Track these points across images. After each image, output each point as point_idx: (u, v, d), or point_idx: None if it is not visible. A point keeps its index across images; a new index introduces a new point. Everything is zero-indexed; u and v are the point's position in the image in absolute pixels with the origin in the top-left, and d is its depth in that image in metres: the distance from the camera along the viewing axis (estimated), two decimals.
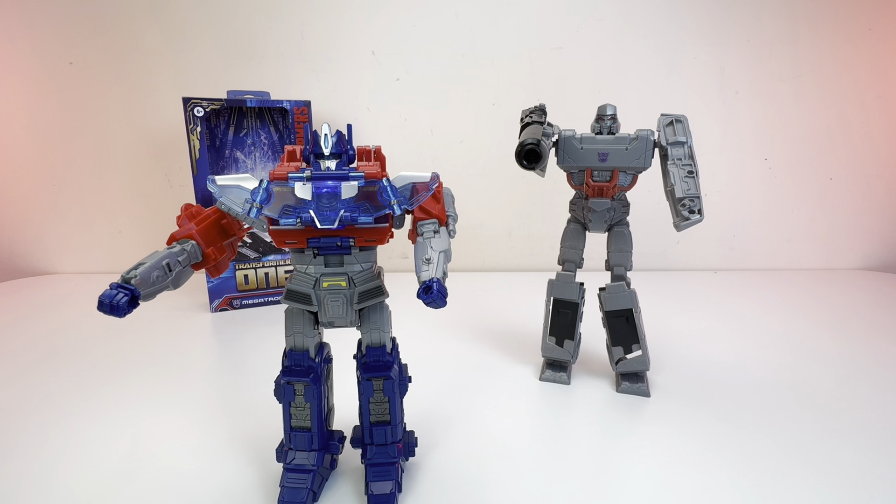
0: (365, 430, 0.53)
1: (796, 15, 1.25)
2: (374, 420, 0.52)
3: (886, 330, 0.97)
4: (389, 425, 0.52)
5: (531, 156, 0.60)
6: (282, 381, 0.51)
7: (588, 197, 0.72)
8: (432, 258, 0.43)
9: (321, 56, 1.28)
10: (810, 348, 0.88)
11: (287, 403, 0.51)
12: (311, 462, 0.51)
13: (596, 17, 1.26)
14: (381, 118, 1.32)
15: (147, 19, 1.24)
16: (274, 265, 1.13)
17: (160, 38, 1.25)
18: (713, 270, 1.41)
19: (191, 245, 0.45)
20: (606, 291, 0.73)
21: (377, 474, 0.51)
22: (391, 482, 0.51)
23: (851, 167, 1.35)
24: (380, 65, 1.29)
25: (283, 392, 0.51)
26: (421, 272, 0.42)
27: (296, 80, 1.29)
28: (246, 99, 1.04)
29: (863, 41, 1.27)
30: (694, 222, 0.61)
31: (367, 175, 0.46)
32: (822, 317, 1.04)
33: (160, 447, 0.61)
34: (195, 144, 1.02)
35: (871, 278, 1.33)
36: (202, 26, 1.25)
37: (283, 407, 0.51)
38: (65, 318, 1.05)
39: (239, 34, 1.26)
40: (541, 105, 0.72)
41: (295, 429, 0.51)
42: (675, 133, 0.67)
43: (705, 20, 1.26)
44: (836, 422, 0.66)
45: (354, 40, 1.27)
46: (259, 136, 1.13)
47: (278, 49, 1.27)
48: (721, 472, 0.57)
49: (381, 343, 0.51)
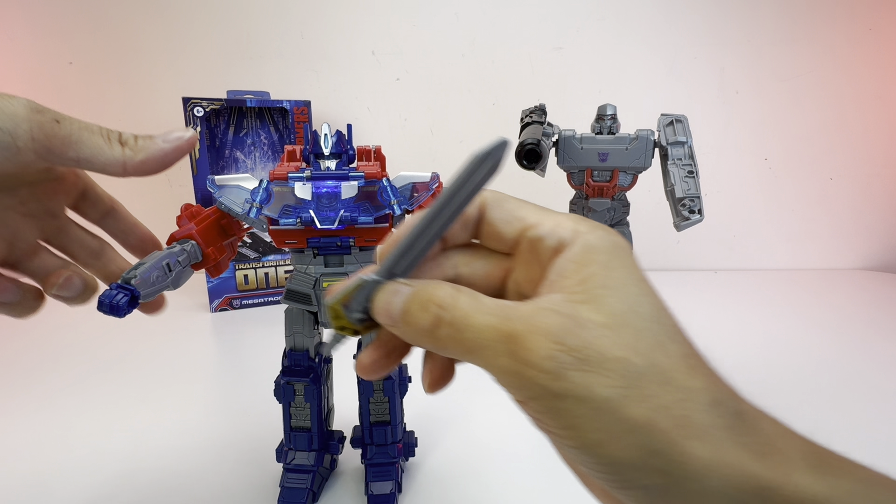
0: (365, 430, 0.53)
1: (796, 15, 1.25)
2: (375, 420, 0.52)
3: (886, 330, 0.97)
4: (389, 425, 0.52)
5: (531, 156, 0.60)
6: (281, 382, 0.51)
7: (588, 197, 0.72)
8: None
9: (321, 56, 1.28)
10: (810, 348, 0.88)
11: (287, 404, 0.51)
12: (311, 462, 0.51)
13: (596, 17, 1.26)
14: (381, 118, 1.32)
15: (147, 19, 1.24)
16: (274, 265, 1.13)
17: (160, 38, 1.25)
18: (713, 270, 1.41)
19: (191, 245, 0.45)
20: None
21: (377, 474, 0.51)
22: (391, 482, 0.51)
23: (851, 167, 1.35)
24: (380, 65, 1.29)
25: (283, 392, 0.51)
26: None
27: (296, 80, 1.29)
28: (246, 99, 1.04)
29: (863, 41, 1.27)
30: (694, 222, 0.61)
31: (367, 175, 0.46)
32: (822, 317, 1.04)
33: (160, 446, 0.61)
34: None
35: (871, 278, 1.33)
36: (202, 26, 1.25)
37: (283, 407, 0.51)
38: (64, 319, 1.05)
39: (239, 34, 1.25)
40: (541, 105, 0.72)
41: (295, 429, 0.51)
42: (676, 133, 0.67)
43: (705, 20, 1.25)
44: (837, 421, 0.66)
45: (354, 40, 1.27)
46: (259, 136, 1.13)
47: (278, 49, 1.27)
48: None
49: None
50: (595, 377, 0.18)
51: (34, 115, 0.29)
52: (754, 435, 0.19)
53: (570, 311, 0.19)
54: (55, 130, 0.30)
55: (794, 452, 0.19)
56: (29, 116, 0.29)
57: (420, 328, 0.21)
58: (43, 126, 0.29)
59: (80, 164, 0.31)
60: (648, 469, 0.18)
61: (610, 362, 0.18)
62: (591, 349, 0.18)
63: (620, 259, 0.21)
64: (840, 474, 0.19)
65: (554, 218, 0.23)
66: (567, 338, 0.19)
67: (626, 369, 0.18)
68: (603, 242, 0.21)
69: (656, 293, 0.21)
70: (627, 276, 0.21)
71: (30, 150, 0.29)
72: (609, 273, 0.20)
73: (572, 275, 0.21)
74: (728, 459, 0.18)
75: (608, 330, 0.19)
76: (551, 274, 0.21)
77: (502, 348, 0.19)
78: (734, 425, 0.19)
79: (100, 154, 0.31)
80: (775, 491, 0.18)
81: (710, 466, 0.18)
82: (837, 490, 0.18)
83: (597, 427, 0.18)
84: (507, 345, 0.19)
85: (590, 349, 0.18)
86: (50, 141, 0.30)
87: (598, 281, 0.20)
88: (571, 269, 0.21)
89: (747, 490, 0.18)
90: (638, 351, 0.19)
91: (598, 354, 0.18)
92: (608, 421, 0.18)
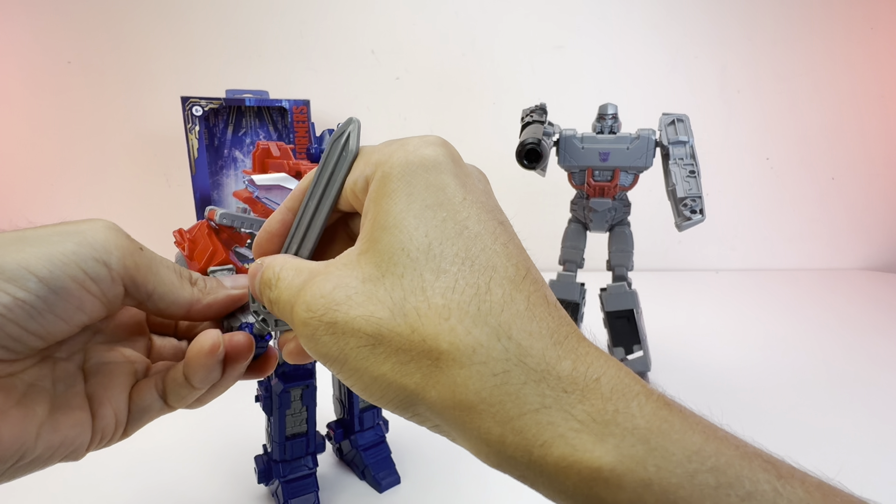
0: (355, 418, 0.54)
1: (798, 14, 1.25)
2: (364, 406, 0.55)
3: (887, 330, 0.96)
4: (376, 407, 0.55)
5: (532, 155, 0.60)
6: (278, 391, 0.49)
7: (589, 196, 0.72)
8: None
9: (320, 55, 1.27)
10: (811, 348, 0.88)
11: (282, 413, 0.49)
12: (310, 466, 0.51)
13: (597, 15, 1.25)
14: (380, 117, 1.32)
15: (146, 18, 1.24)
16: None
17: (159, 38, 1.25)
18: (715, 270, 1.41)
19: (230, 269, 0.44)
20: (607, 292, 0.72)
21: (375, 455, 0.55)
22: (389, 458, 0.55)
23: (853, 167, 1.35)
24: (379, 64, 1.28)
25: (280, 402, 0.49)
26: None
27: (295, 79, 1.28)
28: (245, 98, 1.04)
29: (864, 41, 1.26)
30: (696, 222, 0.61)
31: None
32: (823, 317, 1.04)
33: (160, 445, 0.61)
34: (194, 143, 1.01)
35: (873, 278, 1.32)
36: (201, 25, 1.24)
37: (275, 419, 0.49)
38: None
39: (238, 33, 1.25)
40: (541, 104, 0.72)
41: (290, 437, 0.50)
42: (677, 132, 0.67)
43: (706, 19, 1.25)
44: (838, 421, 0.65)
45: (354, 39, 1.27)
46: (258, 135, 1.12)
47: (277, 48, 1.26)
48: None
49: None
50: (344, 339, 0.19)
51: (123, 241, 0.25)
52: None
53: (339, 272, 0.21)
54: (141, 259, 0.26)
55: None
56: (118, 243, 0.25)
57: (268, 305, 0.24)
58: (133, 254, 0.26)
59: (150, 300, 0.27)
60: (409, 414, 0.20)
61: (356, 321, 0.19)
62: (339, 313, 0.19)
63: (412, 183, 0.21)
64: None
65: (379, 151, 0.23)
66: (318, 303, 0.20)
67: (374, 326, 0.19)
68: (398, 169, 0.21)
69: (447, 208, 0.20)
70: (409, 204, 0.20)
71: (120, 282, 0.25)
72: (390, 207, 0.20)
73: (365, 218, 0.22)
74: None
75: (367, 285, 0.20)
76: (362, 218, 0.22)
77: (287, 316, 0.22)
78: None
79: (172, 291, 0.27)
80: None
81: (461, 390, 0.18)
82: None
83: (356, 381, 0.20)
84: (289, 313, 0.22)
85: (338, 313, 0.19)
86: (138, 271, 0.26)
87: (380, 221, 0.20)
88: (366, 210, 0.22)
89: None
90: (391, 302, 0.19)
91: (345, 317, 0.19)
92: (364, 377, 0.19)
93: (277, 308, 0.23)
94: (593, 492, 0.16)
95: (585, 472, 0.16)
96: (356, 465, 0.56)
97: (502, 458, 0.18)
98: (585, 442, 0.16)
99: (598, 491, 0.16)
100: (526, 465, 0.17)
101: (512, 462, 0.18)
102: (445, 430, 0.20)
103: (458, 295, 0.19)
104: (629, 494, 0.16)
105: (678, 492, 0.15)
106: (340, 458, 0.59)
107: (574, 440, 0.16)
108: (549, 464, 0.17)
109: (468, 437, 0.18)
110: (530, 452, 0.17)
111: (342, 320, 0.19)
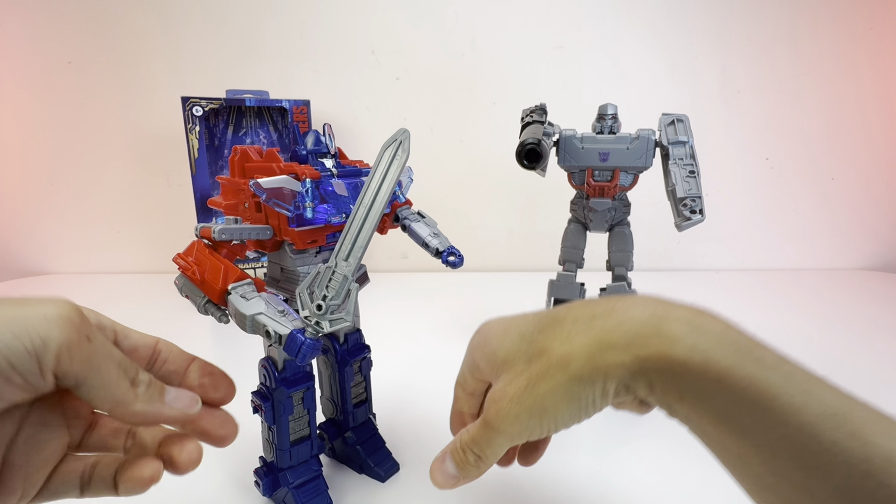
0: (348, 414, 0.55)
1: (798, 14, 1.25)
2: (356, 402, 0.56)
3: (888, 330, 0.96)
4: (366, 402, 0.57)
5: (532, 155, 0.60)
6: (282, 397, 0.48)
7: (589, 197, 0.72)
8: (438, 232, 0.50)
9: (320, 55, 1.27)
10: (812, 348, 0.88)
11: (286, 420, 0.48)
12: (316, 468, 0.50)
13: (597, 16, 1.25)
14: (380, 117, 1.32)
15: (146, 18, 1.24)
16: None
17: (159, 38, 1.25)
18: (715, 270, 1.40)
19: (249, 282, 0.43)
20: (607, 292, 0.72)
21: (371, 447, 0.56)
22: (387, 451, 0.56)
23: (853, 167, 1.35)
24: (379, 64, 1.28)
25: (283, 408, 0.47)
26: (432, 242, 0.48)
27: (295, 79, 1.28)
28: (245, 98, 1.04)
29: (865, 40, 1.26)
30: (695, 222, 0.61)
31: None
32: (823, 317, 1.04)
33: None
34: (194, 144, 1.01)
35: (873, 278, 1.32)
36: (201, 25, 1.24)
37: (278, 427, 0.48)
38: None
39: (238, 33, 1.25)
40: (541, 104, 0.72)
41: (295, 443, 0.49)
42: (677, 132, 0.67)
43: (706, 19, 1.25)
44: None
45: (354, 39, 1.27)
46: (258, 136, 1.12)
47: (277, 48, 1.26)
48: (721, 473, 0.56)
49: (356, 328, 0.55)
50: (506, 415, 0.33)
51: (67, 335, 0.24)
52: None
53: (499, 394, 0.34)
54: (83, 353, 0.25)
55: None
56: (62, 337, 0.24)
57: (471, 465, 0.35)
58: (75, 347, 0.24)
59: (80, 391, 0.26)
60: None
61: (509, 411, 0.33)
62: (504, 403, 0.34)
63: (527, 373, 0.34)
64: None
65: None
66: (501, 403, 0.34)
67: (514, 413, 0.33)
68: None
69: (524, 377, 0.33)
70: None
71: (50, 374, 0.24)
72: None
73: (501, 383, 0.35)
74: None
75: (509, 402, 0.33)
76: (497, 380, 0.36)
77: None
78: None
79: (107, 388, 0.26)
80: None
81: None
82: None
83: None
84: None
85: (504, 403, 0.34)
86: (72, 365, 0.24)
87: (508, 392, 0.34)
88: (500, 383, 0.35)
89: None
90: (518, 403, 0.33)
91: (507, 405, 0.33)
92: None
93: (489, 448, 0.35)
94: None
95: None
96: (353, 461, 0.56)
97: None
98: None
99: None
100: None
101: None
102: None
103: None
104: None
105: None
106: (333, 456, 0.59)
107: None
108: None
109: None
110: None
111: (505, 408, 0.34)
